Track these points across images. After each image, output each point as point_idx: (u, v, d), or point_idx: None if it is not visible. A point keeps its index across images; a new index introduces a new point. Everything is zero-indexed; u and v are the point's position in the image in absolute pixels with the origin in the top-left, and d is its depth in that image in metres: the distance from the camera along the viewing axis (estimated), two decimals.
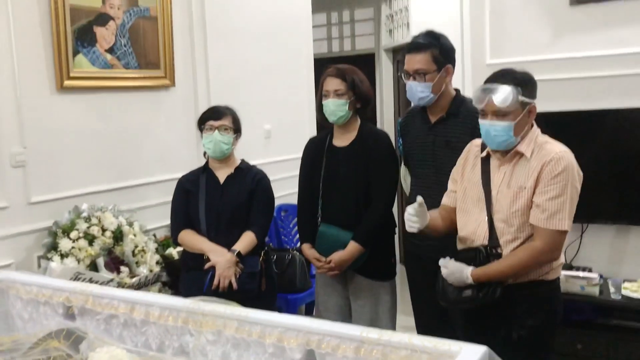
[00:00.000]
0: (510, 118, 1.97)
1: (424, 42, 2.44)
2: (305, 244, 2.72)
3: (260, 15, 4.02)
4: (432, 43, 2.43)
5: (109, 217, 2.86)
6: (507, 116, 1.97)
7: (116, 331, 2.11)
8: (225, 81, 3.71)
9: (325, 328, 1.68)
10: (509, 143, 2.01)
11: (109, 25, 3.02)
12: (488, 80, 2.04)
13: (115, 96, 3.12)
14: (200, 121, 2.72)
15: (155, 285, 2.95)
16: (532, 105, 2.02)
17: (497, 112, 1.98)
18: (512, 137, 1.99)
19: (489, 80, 2.04)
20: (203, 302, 1.94)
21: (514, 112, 1.98)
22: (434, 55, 2.42)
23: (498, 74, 2.04)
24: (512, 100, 1.95)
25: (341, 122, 2.62)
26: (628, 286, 3.03)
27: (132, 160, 3.23)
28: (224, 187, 2.70)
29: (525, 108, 2.00)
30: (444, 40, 2.47)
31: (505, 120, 1.98)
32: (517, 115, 1.98)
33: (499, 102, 1.95)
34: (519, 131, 2.00)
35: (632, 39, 3.12)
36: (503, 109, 1.96)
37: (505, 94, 1.95)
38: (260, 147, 4.03)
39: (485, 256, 2.01)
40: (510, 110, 1.97)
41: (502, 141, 2.01)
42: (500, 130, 1.99)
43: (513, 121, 1.97)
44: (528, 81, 2.02)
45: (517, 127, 1.98)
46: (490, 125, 2.00)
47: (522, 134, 2.02)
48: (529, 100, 2.00)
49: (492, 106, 1.98)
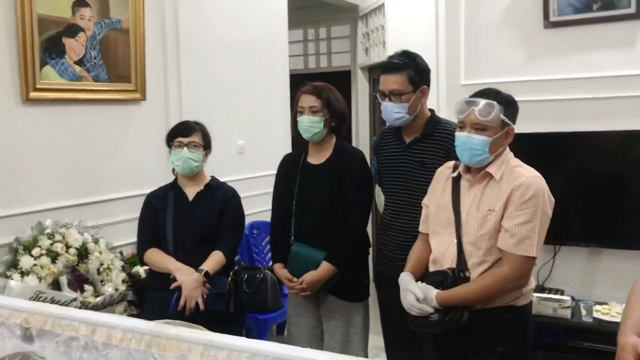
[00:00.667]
0: (489, 134, 1.96)
1: (399, 62, 2.42)
2: (277, 264, 2.67)
3: (235, 29, 3.98)
4: (408, 64, 2.42)
5: (73, 234, 2.77)
6: (486, 131, 1.96)
7: (76, 354, 2.01)
8: (198, 96, 3.66)
9: (293, 354, 1.62)
10: (482, 159, 2.00)
11: (78, 36, 2.95)
12: (473, 96, 2.03)
13: (83, 109, 3.04)
14: (168, 137, 2.66)
15: (121, 305, 2.85)
16: (511, 128, 2.01)
17: (477, 125, 1.97)
18: (486, 153, 1.98)
19: (474, 96, 2.03)
20: (167, 326, 1.86)
21: (493, 129, 1.97)
22: (410, 76, 2.41)
23: (484, 91, 2.03)
24: (494, 114, 1.94)
25: (315, 139, 2.59)
26: (599, 309, 3.04)
27: (100, 175, 3.14)
28: (192, 204, 2.64)
29: (504, 128, 1.99)
30: (420, 61, 2.46)
31: (483, 134, 1.96)
32: (495, 133, 1.97)
33: (481, 114, 1.94)
34: (494, 150, 1.99)
35: (604, 63, 3.18)
36: (483, 122, 1.95)
37: (489, 107, 1.94)
38: (233, 164, 3.98)
39: (452, 279, 1.98)
40: (489, 125, 1.96)
41: (475, 155, 1.99)
42: (477, 144, 1.97)
43: (491, 137, 1.96)
44: (511, 104, 2.02)
45: (493, 144, 1.97)
46: (467, 137, 1.98)
47: (495, 155, 2.00)
48: (508, 121, 1.99)
49: (473, 118, 1.96)
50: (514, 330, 2.02)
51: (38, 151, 2.84)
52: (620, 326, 1.68)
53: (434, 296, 1.96)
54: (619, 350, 1.61)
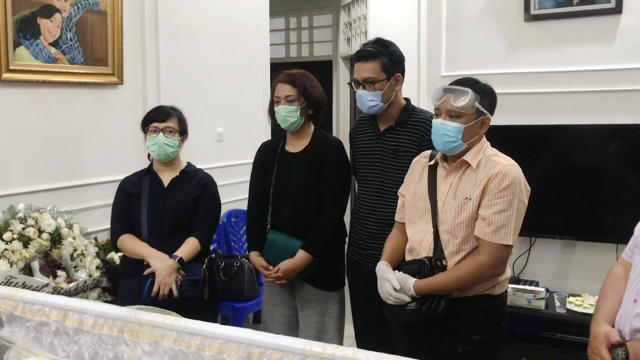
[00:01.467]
0: (463, 121, 1.97)
1: (373, 50, 2.41)
2: (253, 251, 2.65)
3: (216, 15, 3.93)
4: (381, 51, 2.40)
5: (46, 218, 2.72)
6: (460, 118, 1.98)
7: (47, 340, 1.98)
8: (177, 81, 3.61)
9: (268, 340, 1.61)
10: (456, 146, 2.00)
11: (54, 17, 2.88)
12: (452, 84, 2.04)
13: (58, 92, 2.98)
14: (144, 122, 2.62)
15: (95, 291, 2.82)
16: (487, 117, 2.02)
17: (451, 112, 1.98)
18: (459, 140, 1.98)
19: (452, 84, 2.03)
20: (140, 311, 1.84)
21: (468, 117, 1.98)
22: (383, 64, 2.39)
23: (463, 80, 2.04)
24: (467, 102, 1.95)
25: (293, 128, 2.57)
26: (573, 300, 3.08)
27: (75, 159, 3.09)
28: (167, 190, 2.60)
29: (479, 117, 1.99)
30: (393, 49, 2.44)
31: (457, 121, 1.98)
32: (469, 120, 1.98)
33: (455, 101, 1.96)
34: (468, 137, 1.99)
35: (583, 57, 3.19)
36: (457, 109, 1.96)
37: (463, 94, 1.96)
38: (212, 151, 3.94)
39: (429, 268, 1.98)
40: (463, 112, 1.97)
41: (448, 141, 2.00)
42: (450, 130, 1.98)
43: (464, 124, 1.97)
44: (489, 93, 2.03)
45: (466, 131, 1.98)
46: (442, 124, 2.00)
47: (470, 143, 2.01)
48: (484, 110, 1.99)
49: (448, 105, 1.98)
50: (489, 319, 2.04)
51: (11, 133, 2.79)
52: (594, 315, 1.70)
53: (412, 285, 1.96)
54: (592, 339, 1.63)
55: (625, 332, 1.56)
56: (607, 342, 1.57)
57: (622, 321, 1.58)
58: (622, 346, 1.54)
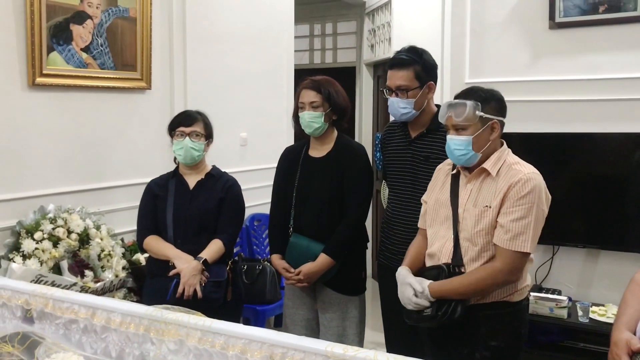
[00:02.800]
0: (469, 132, 2.00)
1: (406, 58, 2.43)
2: (275, 254, 2.68)
3: (242, 22, 3.99)
4: (415, 59, 2.42)
5: (75, 219, 2.79)
6: (466, 130, 2.00)
7: (75, 337, 2.04)
8: (203, 86, 3.68)
9: (290, 341, 1.64)
10: (469, 158, 2.02)
11: (86, 23, 2.96)
12: (455, 97, 2.06)
13: (89, 96, 3.06)
14: (170, 126, 2.67)
15: (121, 291, 2.88)
16: (495, 122, 2.02)
17: (456, 126, 2.01)
18: (471, 151, 2.00)
19: (455, 97, 2.06)
20: (166, 311, 1.88)
21: (473, 127, 2.00)
22: (417, 72, 2.42)
23: (464, 91, 2.07)
24: (466, 114, 1.97)
25: (317, 133, 2.60)
26: (596, 310, 3.05)
27: (103, 162, 3.16)
28: (193, 193, 2.65)
29: (485, 124, 2.00)
30: (427, 57, 2.47)
31: (463, 134, 2.00)
32: (475, 130, 1.99)
33: (456, 115, 1.99)
34: (479, 147, 2.00)
35: (608, 65, 3.18)
36: (459, 122, 1.99)
37: (461, 107, 1.98)
38: (235, 155, 3.99)
39: (447, 274, 2.00)
40: (467, 124, 1.99)
41: (460, 155, 2.02)
42: (459, 144, 2.01)
43: (471, 135, 1.99)
44: (491, 98, 2.03)
45: (475, 141, 1.99)
46: (450, 139, 2.04)
47: (485, 150, 2.02)
48: (489, 116, 2.00)
49: (451, 120, 2.01)
50: (507, 326, 2.04)
51: (42, 136, 2.86)
52: (615, 322, 1.70)
53: (426, 286, 1.98)
54: (612, 345, 1.63)
55: None
56: (628, 349, 1.57)
57: None
58: None
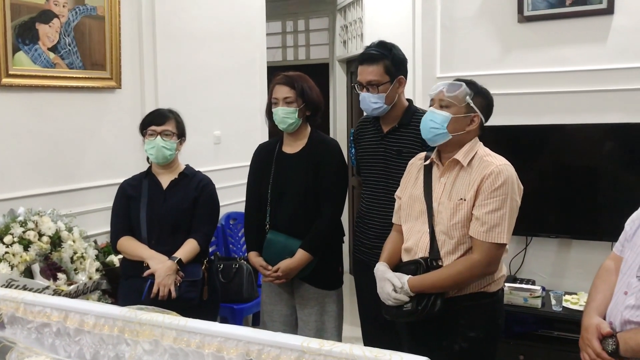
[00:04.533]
0: (451, 111, 2.02)
1: (376, 53, 2.44)
2: (252, 252, 2.67)
3: (213, 19, 3.96)
4: (385, 54, 2.44)
5: (46, 222, 2.74)
6: (449, 108, 2.02)
7: (48, 340, 2.01)
8: (175, 85, 3.64)
9: (266, 338, 1.63)
10: (439, 135, 2.04)
11: (52, 22, 2.91)
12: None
13: (57, 96, 3.01)
14: (142, 126, 2.64)
15: (95, 294, 2.85)
16: (477, 116, 2.04)
17: (442, 101, 2.04)
18: (444, 129, 2.02)
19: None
20: (140, 311, 1.86)
21: (457, 108, 2.02)
22: (387, 67, 2.43)
23: (462, 78, 2.09)
24: (457, 93, 2.00)
25: (291, 129, 2.60)
26: (569, 298, 3.10)
27: (74, 163, 3.12)
28: (166, 192, 2.63)
29: (468, 112, 2.03)
30: (396, 51, 2.48)
31: (445, 110, 2.02)
32: (457, 112, 2.02)
33: (448, 90, 2.01)
34: (453, 129, 2.03)
35: (577, 57, 3.23)
36: (448, 97, 2.01)
37: (456, 86, 2.01)
38: (209, 154, 3.97)
39: (425, 269, 2.01)
40: (453, 103, 2.02)
41: (432, 128, 2.04)
42: (437, 118, 2.03)
43: (451, 114, 2.01)
44: (483, 94, 2.07)
45: (453, 122, 2.02)
46: (430, 112, 2.06)
47: (457, 137, 2.04)
48: (475, 108, 2.03)
49: (441, 95, 2.03)
50: (485, 316, 2.06)
51: (10, 138, 2.81)
52: (585, 308, 1.73)
53: (406, 281, 1.99)
54: (583, 330, 1.66)
55: (616, 323, 1.59)
56: (598, 333, 1.60)
57: (613, 313, 1.61)
58: (613, 337, 1.56)
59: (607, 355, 1.56)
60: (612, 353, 1.55)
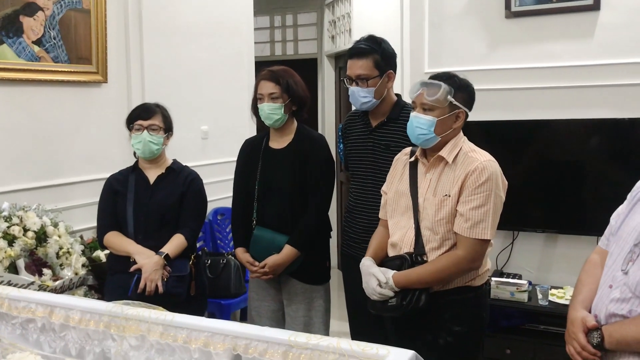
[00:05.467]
0: (435, 114, 2.01)
1: (365, 47, 2.43)
2: (239, 248, 2.66)
3: (200, 14, 3.94)
4: (374, 48, 2.43)
5: (31, 217, 2.72)
6: (433, 111, 2.01)
7: (33, 336, 1.99)
8: (162, 79, 3.62)
9: (253, 332, 1.63)
10: (428, 139, 2.03)
11: (37, 15, 2.88)
12: (430, 78, 2.07)
13: (42, 90, 2.97)
14: (128, 120, 2.62)
15: (81, 289, 2.82)
16: (461, 111, 2.04)
17: (424, 105, 2.02)
18: (432, 133, 2.01)
19: (430, 78, 2.07)
20: (126, 306, 1.85)
21: (440, 110, 2.01)
22: (376, 61, 2.42)
23: (440, 74, 2.07)
24: (439, 95, 1.98)
25: (277, 125, 2.59)
26: (555, 292, 3.12)
27: (60, 157, 3.09)
28: (153, 187, 2.61)
29: (452, 111, 2.02)
30: (386, 46, 2.47)
31: (430, 114, 2.01)
32: (442, 114, 2.01)
33: (428, 94, 1.99)
34: (441, 131, 2.02)
35: (564, 53, 3.24)
36: (429, 101, 1.99)
37: (435, 88, 1.99)
38: (197, 149, 3.95)
39: (410, 264, 2.01)
40: (436, 106, 2.00)
41: (420, 134, 2.03)
42: (422, 123, 2.02)
43: (436, 117, 2.00)
44: (464, 88, 2.05)
45: (439, 124, 2.01)
46: (415, 117, 2.04)
47: (445, 137, 2.03)
48: (458, 104, 2.02)
49: (422, 98, 2.02)
50: (470, 310, 2.07)
51: None
52: (571, 301, 1.74)
53: (390, 276, 2.00)
54: (569, 324, 1.67)
55: (601, 317, 1.60)
56: (584, 326, 1.61)
57: (598, 306, 1.62)
58: (598, 330, 1.57)
59: (592, 348, 1.58)
60: (597, 346, 1.57)
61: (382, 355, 1.44)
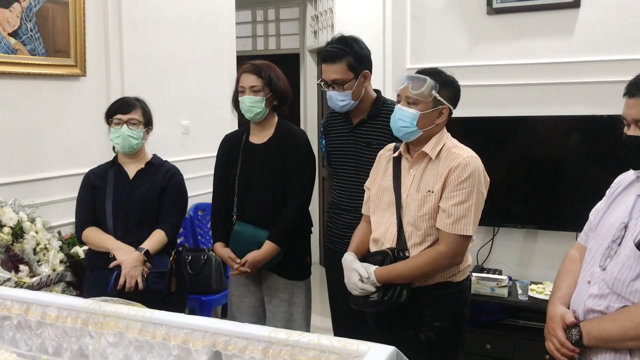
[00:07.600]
0: (419, 108, 2.01)
1: (336, 51, 2.40)
2: (218, 243, 2.64)
3: (181, 7, 3.89)
4: (346, 51, 2.40)
5: (8, 212, 2.67)
6: (417, 105, 2.01)
7: (8, 334, 1.96)
8: (141, 73, 3.57)
9: (233, 329, 1.62)
10: (410, 133, 2.03)
11: (13, 7, 2.82)
12: (416, 72, 2.06)
13: (19, 83, 2.92)
14: (107, 114, 2.58)
15: (59, 285, 2.78)
16: (445, 108, 2.04)
17: (409, 98, 2.02)
18: (414, 126, 2.01)
19: (417, 72, 2.06)
20: (104, 303, 1.82)
21: (424, 104, 2.01)
22: (349, 63, 2.40)
23: (427, 69, 2.07)
24: (423, 89, 1.98)
25: (257, 118, 2.57)
26: (534, 288, 3.15)
27: (37, 152, 3.04)
28: (133, 182, 2.58)
29: (436, 106, 2.02)
30: (357, 46, 2.43)
31: (413, 108, 2.01)
32: (425, 108, 2.01)
33: (413, 87, 1.99)
34: (423, 125, 2.02)
35: (544, 50, 3.27)
36: (414, 95, 1.99)
37: (420, 82, 1.99)
38: (177, 144, 3.91)
39: (392, 259, 2.02)
40: (420, 100, 2.00)
41: (403, 126, 2.03)
42: (406, 116, 2.02)
43: (420, 111, 2.00)
44: (449, 85, 2.05)
45: (422, 118, 2.01)
46: (399, 109, 2.04)
47: (427, 132, 2.03)
48: (442, 100, 2.02)
49: (407, 91, 2.01)
50: (451, 306, 2.08)
51: None
52: (551, 297, 1.75)
53: (372, 271, 2.00)
54: (548, 320, 1.68)
55: (579, 312, 1.62)
56: (563, 323, 1.62)
57: (577, 302, 1.63)
58: (577, 327, 1.59)
59: (570, 344, 1.59)
60: (576, 342, 1.58)
61: (362, 351, 1.44)
